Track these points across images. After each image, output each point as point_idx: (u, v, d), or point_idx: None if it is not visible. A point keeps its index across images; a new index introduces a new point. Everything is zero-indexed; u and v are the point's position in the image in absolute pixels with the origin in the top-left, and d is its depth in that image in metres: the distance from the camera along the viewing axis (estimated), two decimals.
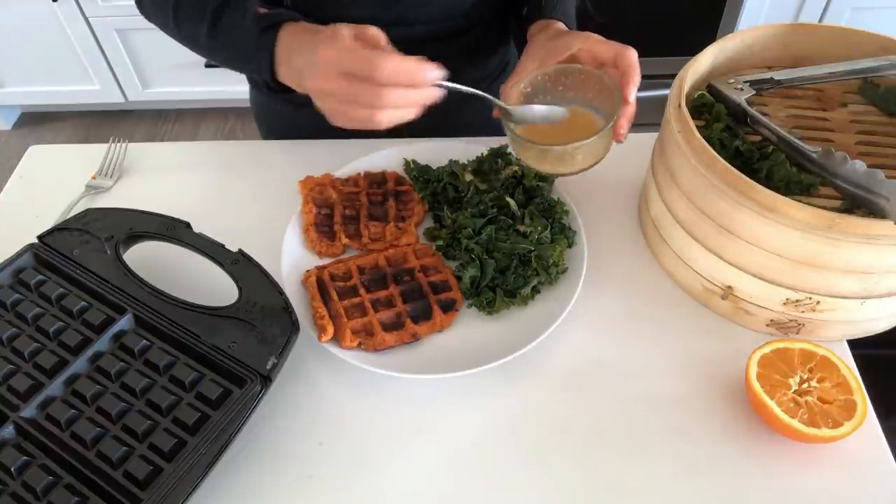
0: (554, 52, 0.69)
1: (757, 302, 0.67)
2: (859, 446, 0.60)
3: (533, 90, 0.69)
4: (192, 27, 0.74)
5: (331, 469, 0.61)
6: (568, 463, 0.61)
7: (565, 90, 0.69)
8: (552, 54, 0.69)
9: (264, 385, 0.60)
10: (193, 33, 0.74)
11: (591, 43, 0.68)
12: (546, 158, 0.67)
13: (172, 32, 0.77)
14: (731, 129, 0.71)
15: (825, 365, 0.62)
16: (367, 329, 0.67)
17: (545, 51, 0.70)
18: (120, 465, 0.56)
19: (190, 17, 0.74)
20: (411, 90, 0.58)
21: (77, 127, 2.54)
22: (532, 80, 0.69)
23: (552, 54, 0.69)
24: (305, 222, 0.77)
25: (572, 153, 0.65)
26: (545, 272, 0.71)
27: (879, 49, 0.75)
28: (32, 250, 0.70)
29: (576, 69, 0.68)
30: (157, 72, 2.32)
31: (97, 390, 0.60)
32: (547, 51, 0.70)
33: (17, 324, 0.65)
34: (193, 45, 0.76)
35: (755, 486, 0.59)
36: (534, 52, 0.71)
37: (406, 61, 0.57)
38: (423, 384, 0.66)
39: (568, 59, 0.69)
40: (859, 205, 0.62)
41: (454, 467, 0.61)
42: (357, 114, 0.58)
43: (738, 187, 0.61)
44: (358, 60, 0.56)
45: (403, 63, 0.56)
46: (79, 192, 0.86)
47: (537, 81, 0.69)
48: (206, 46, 0.74)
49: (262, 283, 0.67)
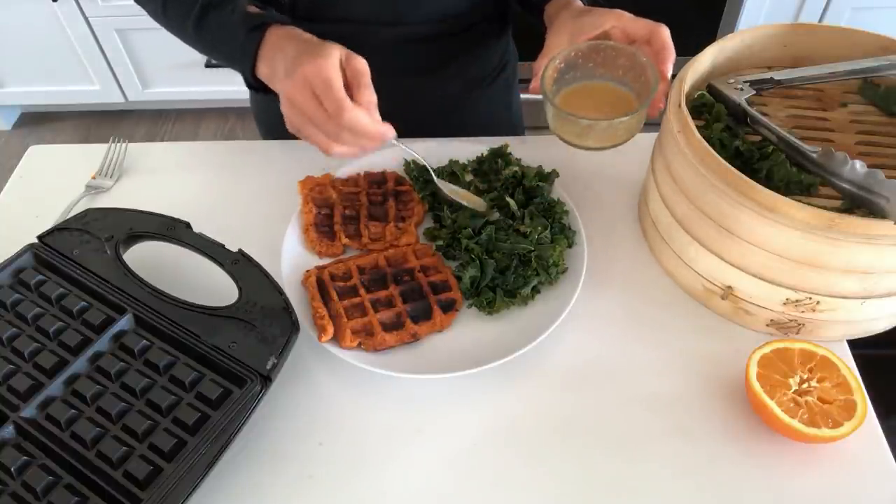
0: (583, 28, 0.70)
1: (757, 302, 0.67)
2: (859, 446, 0.60)
3: (566, 66, 0.70)
4: (179, 19, 0.74)
5: (331, 469, 0.61)
6: (568, 463, 0.61)
7: (596, 66, 0.70)
8: (582, 31, 0.70)
9: (264, 385, 0.60)
10: (181, 24, 0.75)
11: (623, 21, 0.69)
12: (589, 134, 0.68)
13: (160, 20, 0.78)
14: (731, 129, 0.71)
15: (825, 365, 0.62)
16: (367, 329, 0.67)
17: (574, 27, 0.70)
18: (120, 465, 0.56)
19: (178, 8, 0.74)
20: (364, 139, 0.63)
21: (77, 127, 2.54)
22: (565, 57, 0.70)
23: (582, 31, 0.70)
24: (305, 222, 0.77)
25: (616, 127, 0.67)
26: (545, 272, 0.71)
27: (879, 49, 0.75)
28: (32, 250, 0.70)
29: (608, 46, 0.69)
30: (157, 72, 2.32)
31: (97, 390, 0.60)
32: (576, 27, 0.70)
33: (17, 324, 0.65)
34: (180, 34, 0.77)
35: (755, 486, 0.59)
36: (562, 29, 0.71)
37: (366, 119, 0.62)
38: (423, 384, 0.66)
39: (598, 37, 0.70)
40: (859, 205, 0.62)
41: (454, 467, 0.61)
42: (315, 137, 0.64)
43: (738, 187, 0.61)
44: (330, 99, 0.60)
45: (364, 119, 0.61)
46: (79, 192, 0.86)
47: (570, 57, 0.70)
48: (192, 37, 0.75)
49: (262, 283, 0.67)
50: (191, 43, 0.77)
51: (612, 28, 0.69)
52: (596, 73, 0.71)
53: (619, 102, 0.70)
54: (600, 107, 0.69)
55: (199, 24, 0.72)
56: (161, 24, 0.79)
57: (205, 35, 0.73)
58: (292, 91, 0.62)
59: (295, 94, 0.62)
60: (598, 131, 0.68)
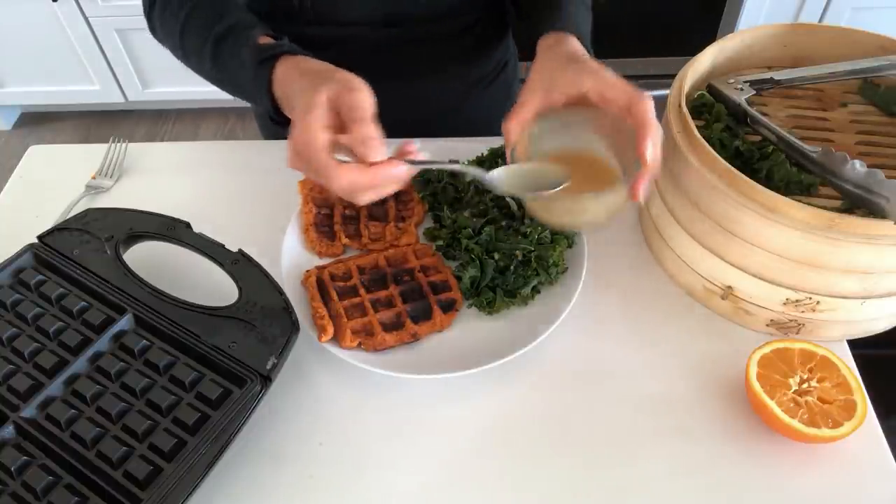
0: (558, 86, 0.61)
1: (757, 302, 0.67)
2: (859, 446, 0.60)
3: (540, 131, 0.62)
4: (197, 56, 0.71)
5: (331, 469, 0.61)
6: (568, 463, 0.61)
7: (579, 131, 0.62)
8: (556, 88, 0.61)
9: (264, 385, 0.60)
10: (199, 62, 0.72)
11: (601, 84, 0.60)
12: (552, 210, 0.61)
13: (182, 60, 0.75)
14: (731, 129, 0.71)
15: (825, 365, 0.62)
16: (367, 329, 0.67)
17: (550, 83, 0.62)
18: (120, 465, 0.56)
19: (195, 46, 0.71)
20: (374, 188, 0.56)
21: (77, 127, 2.54)
22: (541, 124, 0.62)
23: (556, 88, 0.61)
24: (305, 222, 0.77)
25: (583, 206, 0.59)
26: (545, 272, 0.71)
27: (879, 49, 0.75)
28: (32, 250, 0.70)
29: (591, 110, 0.61)
30: (157, 72, 2.32)
31: (97, 390, 0.60)
32: (552, 83, 0.62)
33: (17, 324, 0.65)
34: (202, 74, 0.73)
35: (755, 486, 0.59)
36: (538, 82, 0.63)
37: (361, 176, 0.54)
38: (423, 384, 0.66)
39: (575, 98, 0.61)
40: (859, 205, 0.62)
41: (454, 467, 0.61)
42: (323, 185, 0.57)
43: (739, 187, 0.61)
44: (315, 170, 0.55)
45: (359, 178, 0.54)
46: (79, 192, 0.86)
47: (545, 123, 0.62)
48: (211, 77, 0.72)
49: (262, 283, 0.67)
50: (211, 79, 0.72)
51: (589, 90, 0.60)
52: (581, 138, 0.62)
53: (601, 176, 0.61)
54: (582, 180, 0.60)
55: (215, 58, 0.69)
56: (182, 62, 0.75)
57: (221, 70, 0.69)
58: (290, 157, 0.57)
59: (293, 161, 0.57)
60: (562, 208, 0.60)
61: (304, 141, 0.55)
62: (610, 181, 0.61)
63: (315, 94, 0.55)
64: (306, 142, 0.54)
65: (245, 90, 0.67)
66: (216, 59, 0.69)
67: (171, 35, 0.73)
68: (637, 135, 0.57)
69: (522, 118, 0.61)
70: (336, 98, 0.55)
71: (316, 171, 0.55)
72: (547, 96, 0.62)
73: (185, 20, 0.71)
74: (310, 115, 0.55)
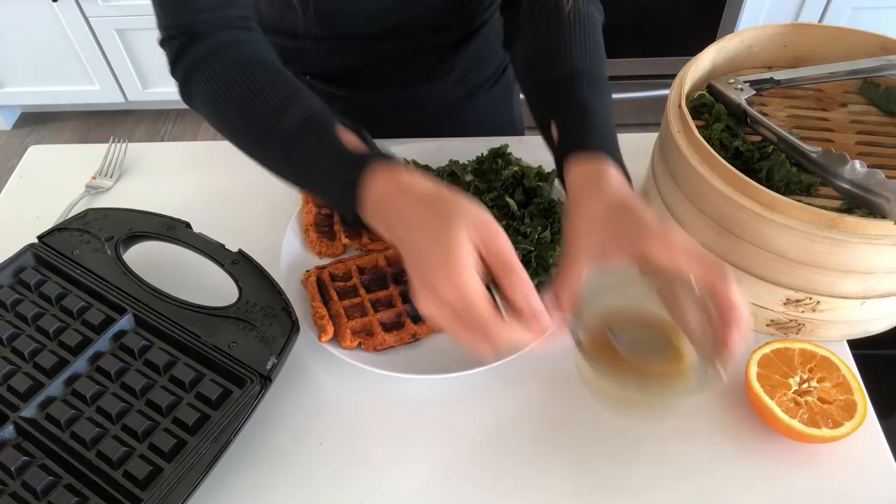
0: (614, 251, 0.52)
1: (757, 302, 0.67)
2: (859, 446, 0.60)
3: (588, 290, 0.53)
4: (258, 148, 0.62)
5: (331, 469, 0.61)
6: (568, 463, 0.61)
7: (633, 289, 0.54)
8: (611, 255, 0.52)
9: (264, 385, 0.60)
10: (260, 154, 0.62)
11: (671, 253, 0.50)
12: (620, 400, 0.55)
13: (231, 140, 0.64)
14: (731, 129, 0.71)
15: (825, 365, 0.62)
16: (367, 329, 0.67)
17: (601, 249, 0.53)
18: (120, 465, 0.56)
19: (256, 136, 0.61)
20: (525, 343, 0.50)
21: (77, 127, 2.54)
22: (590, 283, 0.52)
23: (611, 255, 0.52)
24: (305, 222, 0.77)
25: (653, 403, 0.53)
26: (545, 272, 0.70)
27: (879, 49, 0.75)
28: (32, 250, 0.70)
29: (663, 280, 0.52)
30: (157, 72, 2.32)
31: (97, 390, 0.60)
32: (604, 250, 0.53)
33: (17, 324, 0.65)
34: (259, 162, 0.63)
35: (755, 486, 0.59)
36: (586, 246, 0.54)
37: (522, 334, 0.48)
38: (423, 384, 0.66)
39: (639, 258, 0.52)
40: (859, 205, 0.62)
41: (454, 467, 0.61)
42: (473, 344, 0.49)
43: (738, 187, 0.61)
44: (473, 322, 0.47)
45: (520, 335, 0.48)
46: (79, 192, 0.86)
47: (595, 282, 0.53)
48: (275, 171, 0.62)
49: (262, 283, 0.67)
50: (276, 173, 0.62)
51: (655, 258, 0.50)
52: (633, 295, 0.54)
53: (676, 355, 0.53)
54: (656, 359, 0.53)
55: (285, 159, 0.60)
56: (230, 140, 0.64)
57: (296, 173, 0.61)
58: (427, 306, 0.49)
59: (432, 311, 0.49)
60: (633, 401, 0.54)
61: (460, 296, 0.46)
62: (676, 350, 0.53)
63: (452, 231, 0.47)
64: (464, 297, 0.46)
65: (323, 193, 0.60)
66: (286, 159, 0.59)
67: (224, 118, 0.62)
68: (721, 318, 0.49)
69: (573, 290, 0.53)
70: (477, 240, 0.48)
71: (472, 325, 0.47)
72: (598, 261, 0.53)
73: (245, 105, 0.60)
74: (459, 262, 0.47)
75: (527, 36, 0.70)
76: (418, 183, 0.52)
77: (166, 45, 0.64)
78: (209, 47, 0.62)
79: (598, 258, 0.53)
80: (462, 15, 0.86)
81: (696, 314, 0.51)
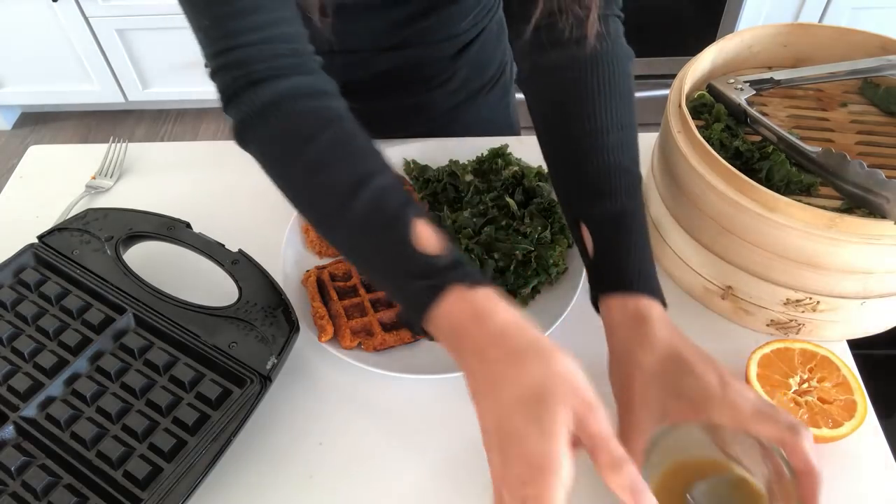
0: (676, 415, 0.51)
1: (757, 302, 0.67)
2: (859, 446, 0.60)
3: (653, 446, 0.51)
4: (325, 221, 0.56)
5: (331, 469, 0.61)
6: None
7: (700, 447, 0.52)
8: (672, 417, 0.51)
9: (264, 385, 0.60)
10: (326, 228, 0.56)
11: (739, 415, 0.48)
12: None
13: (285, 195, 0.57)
14: (731, 129, 0.71)
15: (825, 365, 0.62)
16: (367, 329, 0.67)
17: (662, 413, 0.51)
18: (120, 465, 0.56)
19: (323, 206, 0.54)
20: None
21: (77, 127, 2.54)
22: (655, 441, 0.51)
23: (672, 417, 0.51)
24: (305, 222, 0.77)
25: None
26: (545, 272, 0.71)
27: (879, 49, 0.75)
28: (32, 250, 0.70)
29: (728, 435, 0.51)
30: (157, 72, 2.32)
31: (97, 390, 0.60)
32: (665, 414, 0.51)
33: (17, 324, 0.65)
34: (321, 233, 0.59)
35: None
36: (642, 397, 0.52)
37: None
38: (423, 384, 0.66)
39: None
40: (859, 205, 0.62)
41: (454, 467, 0.61)
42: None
43: (739, 187, 0.61)
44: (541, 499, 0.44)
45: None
46: (79, 192, 0.86)
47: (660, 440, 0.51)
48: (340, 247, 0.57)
49: (262, 283, 0.67)
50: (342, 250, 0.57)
51: (724, 421, 0.49)
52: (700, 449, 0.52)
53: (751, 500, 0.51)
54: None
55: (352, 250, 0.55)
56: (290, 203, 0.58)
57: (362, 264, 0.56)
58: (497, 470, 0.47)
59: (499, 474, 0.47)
60: None
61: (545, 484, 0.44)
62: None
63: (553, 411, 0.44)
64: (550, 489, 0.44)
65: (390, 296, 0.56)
66: (353, 248, 0.54)
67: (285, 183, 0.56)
68: (800, 482, 0.48)
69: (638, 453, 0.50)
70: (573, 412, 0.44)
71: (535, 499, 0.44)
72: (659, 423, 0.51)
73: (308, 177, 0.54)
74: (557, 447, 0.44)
75: (542, 83, 0.64)
76: (498, 312, 0.47)
77: (217, 79, 0.56)
78: (268, 98, 0.54)
79: (659, 421, 0.51)
80: (463, 26, 0.86)
81: (762, 465, 0.50)
